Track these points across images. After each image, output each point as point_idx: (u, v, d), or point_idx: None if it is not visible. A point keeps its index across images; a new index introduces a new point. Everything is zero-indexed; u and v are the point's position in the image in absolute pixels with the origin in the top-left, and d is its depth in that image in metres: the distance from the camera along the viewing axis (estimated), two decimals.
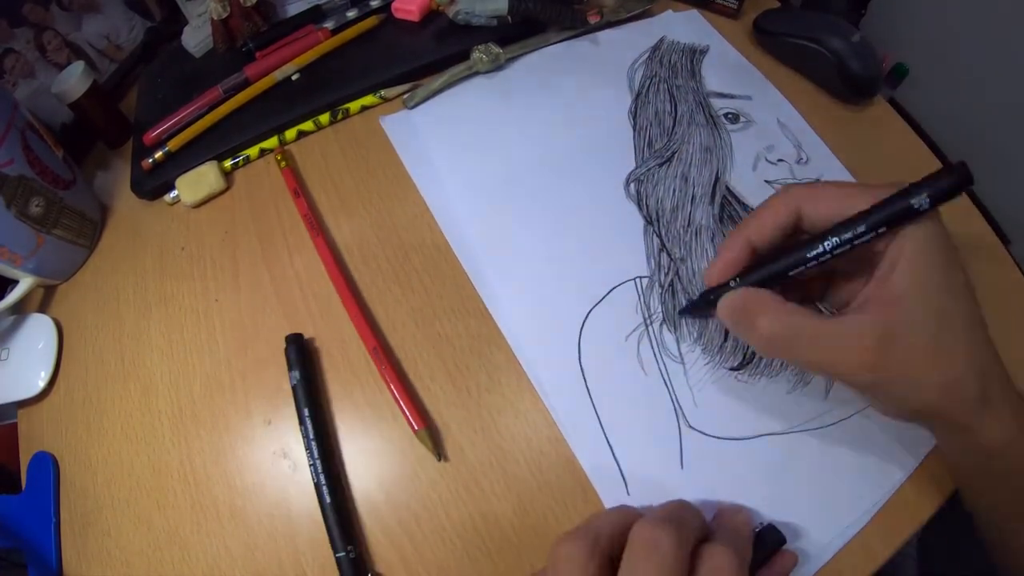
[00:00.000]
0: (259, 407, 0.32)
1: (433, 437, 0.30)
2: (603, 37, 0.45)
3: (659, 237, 0.35)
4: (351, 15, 0.47)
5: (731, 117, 0.41)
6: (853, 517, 0.28)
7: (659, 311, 0.33)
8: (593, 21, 0.44)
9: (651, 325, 0.32)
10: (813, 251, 0.23)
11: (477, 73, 0.43)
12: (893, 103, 0.45)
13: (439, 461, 0.30)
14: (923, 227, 0.22)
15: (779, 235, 0.25)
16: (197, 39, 0.47)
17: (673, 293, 0.33)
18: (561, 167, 0.38)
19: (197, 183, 0.40)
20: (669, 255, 0.35)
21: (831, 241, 0.23)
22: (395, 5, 0.46)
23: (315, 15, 0.47)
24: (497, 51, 0.42)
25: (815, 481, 0.28)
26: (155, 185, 0.41)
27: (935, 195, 0.21)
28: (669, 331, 0.32)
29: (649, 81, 0.43)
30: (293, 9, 0.48)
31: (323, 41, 0.45)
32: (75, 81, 0.41)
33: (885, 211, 0.22)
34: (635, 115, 0.41)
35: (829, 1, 0.88)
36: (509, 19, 0.43)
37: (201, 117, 0.42)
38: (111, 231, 0.41)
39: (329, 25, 0.46)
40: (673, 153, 0.39)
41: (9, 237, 0.34)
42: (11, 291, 0.36)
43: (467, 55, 0.42)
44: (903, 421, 0.25)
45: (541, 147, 0.39)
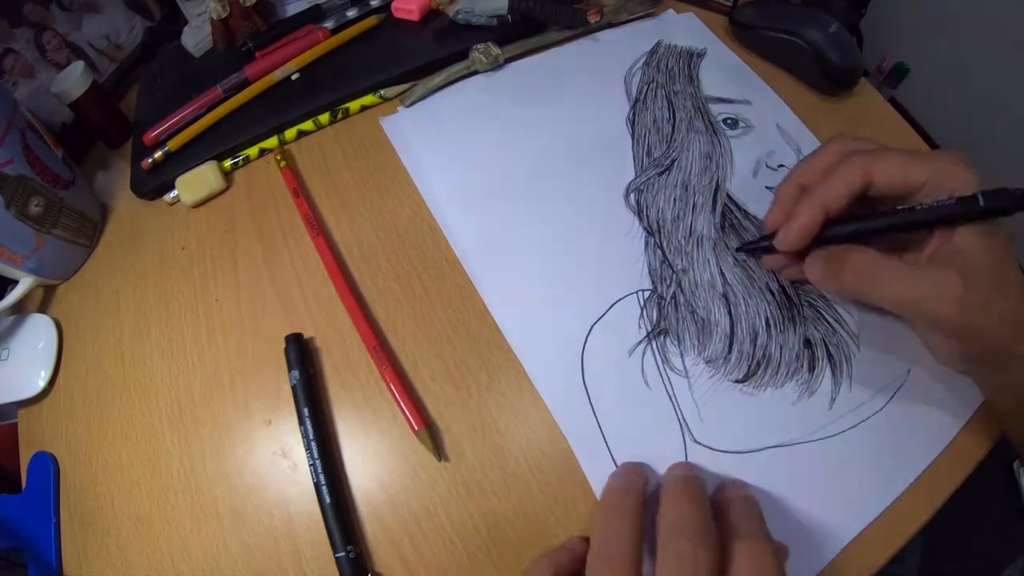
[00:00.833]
0: (259, 407, 0.32)
1: (433, 437, 0.30)
2: (601, 41, 0.45)
3: (660, 249, 0.35)
4: (351, 15, 0.47)
5: (730, 122, 0.40)
6: (856, 524, 0.28)
7: (662, 324, 0.32)
8: (593, 21, 0.44)
9: (654, 339, 0.32)
10: (899, 218, 0.26)
11: (476, 72, 0.43)
12: (893, 102, 0.45)
13: (439, 461, 0.30)
14: None
15: (849, 203, 0.26)
16: (197, 39, 0.47)
17: (676, 305, 0.33)
18: (559, 175, 0.38)
19: (197, 183, 0.40)
20: (671, 267, 0.34)
21: (917, 212, 0.25)
22: (395, 4, 0.46)
23: (315, 15, 0.47)
24: (496, 52, 0.42)
25: (819, 491, 0.28)
26: (155, 185, 0.41)
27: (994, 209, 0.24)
28: (672, 344, 0.32)
29: (647, 87, 0.42)
30: (293, 9, 0.48)
31: (323, 41, 0.45)
32: (75, 81, 0.41)
33: (965, 208, 0.25)
34: (633, 122, 0.40)
35: (829, 1, 0.88)
36: (509, 19, 0.43)
37: (201, 117, 0.42)
38: (111, 231, 0.41)
39: (329, 25, 0.46)
40: (673, 161, 0.38)
41: (9, 237, 0.34)
42: (11, 291, 0.36)
43: (467, 55, 0.42)
44: (963, 367, 0.27)
45: (539, 154, 0.39)
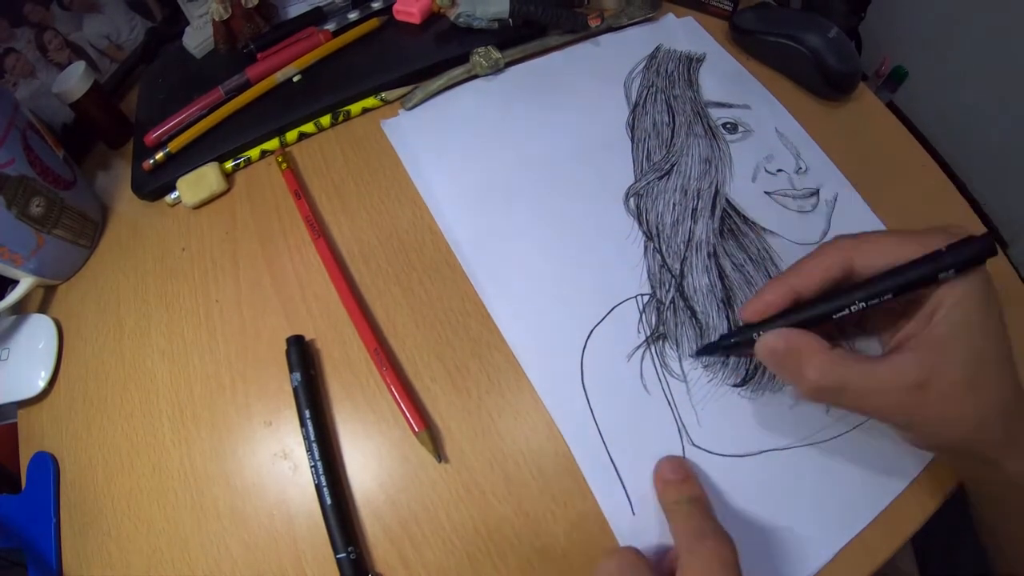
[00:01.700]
0: (259, 408, 0.32)
1: (434, 439, 0.30)
2: (600, 46, 0.45)
3: (659, 253, 0.35)
4: (352, 17, 0.47)
5: (729, 127, 0.40)
6: (854, 526, 0.28)
7: (660, 329, 0.33)
8: (594, 25, 0.44)
9: (653, 343, 0.32)
10: (858, 302, 0.24)
11: (476, 76, 0.43)
12: (891, 106, 0.45)
13: (439, 463, 0.30)
14: (966, 277, 0.23)
15: (826, 287, 0.25)
16: (198, 40, 0.47)
17: (675, 310, 0.33)
18: (559, 179, 0.38)
19: (198, 184, 0.40)
20: (670, 271, 0.34)
21: (879, 290, 0.24)
22: (396, 7, 0.46)
23: (316, 17, 0.47)
24: (497, 55, 0.42)
25: (817, 494, 0.28)
26: (156, 186, 0.41)
27: (959, 264, 0.23)
28: (671, 348, 0.32)
29: (646, 91, 0.42)
30: (294, 11, 0.48)
31: (324, 43, 0.45)
32: (76, 81, 0.41)
33: (922, 269, 0.23)
34: (633, 127, 0.41)
35: (828, 4, 0.89)
36: (510, 22, 0.43)
37: (202, 118, 0.42)
38: (112, 232, 0.41)
39: (330, 27, 0.46)
40: (672, 165, 0.38)
41: (9, 237, 0.34)
42: (11, 291, 0.36)
43: (467, 58, 0.42)
44: (931, 451, 0.28)
45: (539, 158, 0.39)
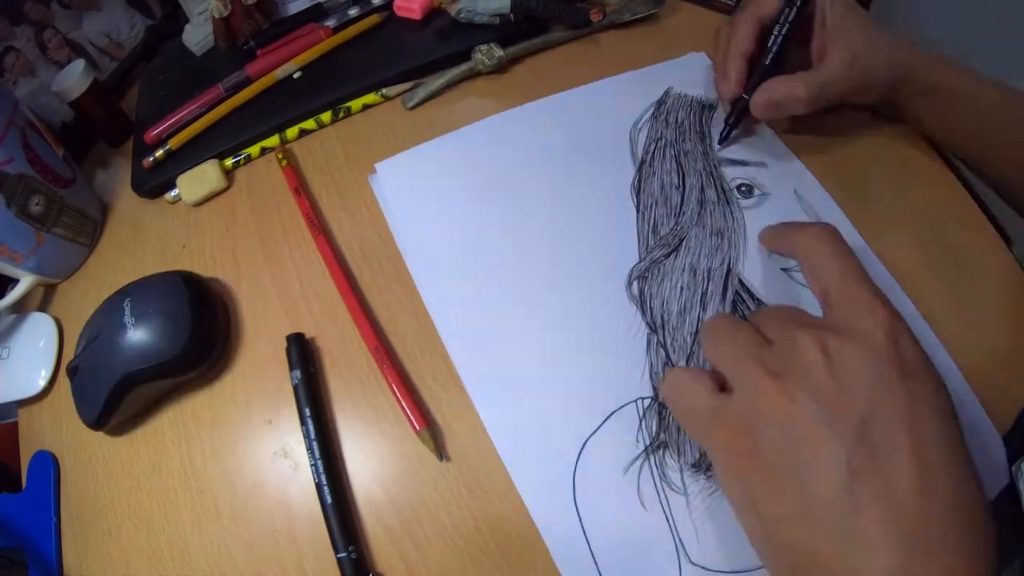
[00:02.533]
0: (259, 406, 0.32)
1: (435, 437, 0.30)
2: (602, 88, 0.41)
3: (664, 348, 0.31)
4: (353, 13, 0.46)
5: (744, 190, 0.36)
6: None
7: (662, 436, 0.30)
8: (596, 20, 0.44)
9: (653, 453, 0.29)
10: (785, 20, 0.34)
11: (478, 74, 0.43)
12: None
13: (441, 461, 0.30)
14: None
15: (755, 40, 0.35)
16: (198, 37, 0.47)
17: None
18: (553, 262, 0.34)
19: (198, 181, 0.40)
20: None
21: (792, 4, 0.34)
22: (397, 3, 0.46)
23: (316, 13, 0.47)
24: (499, 53, 0.42)
25: None
26: (156, 183, 0.41)
27: None
28: (672, 458, 0.29)
29: (654, 146, 0.38)
30: (294, 7, 0.48)
31: (324, 39, 0.45)
32: (76, 79, 0.41)
33: None
34: (638, 190, 0.36)
35: None
36: (511, 17, 0.43)
37: (202, 115, 0.42)
38: (112, 230, 0.41)
39: (331, 23, 0.46)
40: (680, 240, 0.34)
41: (9, 235, 0.34)
42: (11, 290, 0.36)
43: (469, 54, 0.42)
44: (882, 91, 0.35)
45: (532, 232, 0.35)
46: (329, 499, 0.28)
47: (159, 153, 0.41)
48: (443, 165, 0.38)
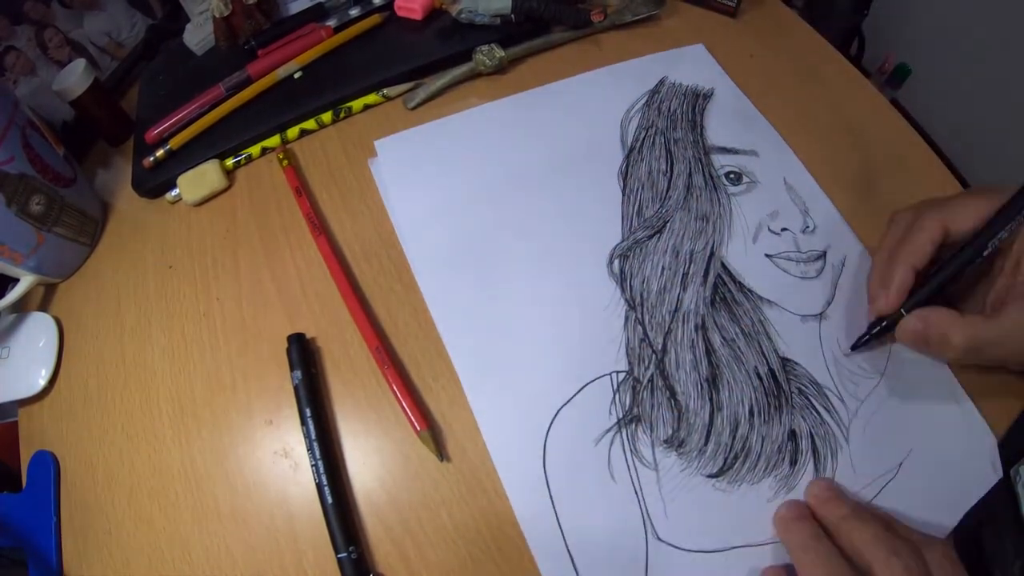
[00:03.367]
0: (260, 406, 0.32)
1: (435, 438, 0.30)
2: (598, 77, 0.42)
3: (641, 325, 0.32)
4: (354, 13, 0.46)
5: (733, 177, 0.36)
6: None
7: (635, 411, 0.30)
8: (596, 21, 0.44)
9: (625, 427, 0.30)
10: (976, 253, 0.27)
11: (479, 75, 0.43)
12: (896, 104, 0.45)
13: (441, 462, 0.30)
14: None
15: (932, 257, 0.28)
16: (199, 37, 0.47)
17: (652, 390, 0.30)
18: (538, 237, 0.35)
19: (198, 181, 0.40)
20: (651, 346, 0.31)
21: (993, 241, 0.27)
22: (398, 3, 0.46)
23: (317, 13, 0.47)
24: (500, 54, 0.42)
25: None
26: (156, 183, 0.41)
27: None
28: (644, 432, 0.29)
29: (644, 133, 0.39)
30: (295, 7, 0.48)
31: (325, 39, 0.45)
32: (76, 79, 0.41)
33: (1011, 212, 0.26)
34: (626, 175, 0.37)
35: (832, 2, 0.88)
36: (512, 18, 0.43)
37: (203, 115, 0.42)
38: (112, 229, 0.41)
39: (331, 23, 0.46)
40: (665, 222, 0.35)
41: (9, 235, 0.34)
42: (12, 289, 0.36)
43: (470, 55, 0.42)
44: None
45: (522, 210, 0.36)
46: (330, 499, 0.28)
47: (160, 153, 0.41)
48: (440, 145, 0.39)
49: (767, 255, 0.34)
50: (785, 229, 0.35)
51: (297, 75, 0.44)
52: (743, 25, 0.46)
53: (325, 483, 0.28)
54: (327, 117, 0.42)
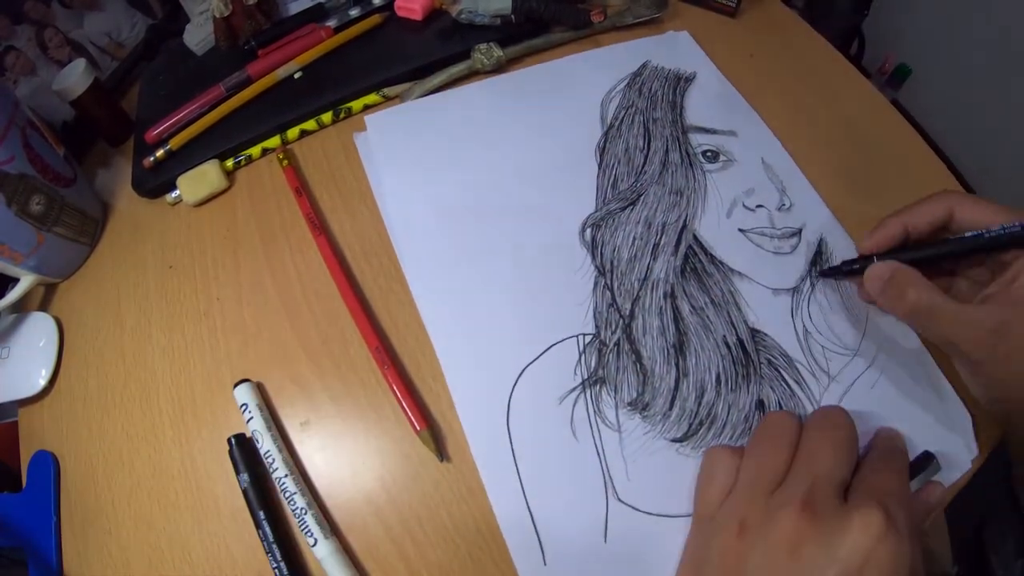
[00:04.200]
0: None
1: (435, 438, 0.30)
2: (588, 58, 0.43)
3: (610, 290, 0.33)
4: (354, 13, 0.46)
5: (710, 155, 0.37)
6: None
7: (600, 373, 0.30)
8: (597, 21, 0.44)
9: (589, 387, 0.30)
10: (964, 243, 0.28)
11: (477, 73, 0.43)
12: (896, 104, 0.45)
13: (441, 462, 0.30)
14: None
15: (929, 228, 0.29)
16: (199, 37, 0.47)
17: (618, 353, 0.31)
18: (512, 202, 0.36)
19: (198, 182, 0.40)
20: (619, 311, 0.32)
21: (982, 237, 0.27)
22: (398, 3, 0.46)
23: (317, 13, 0.47)
24: (498, 53, 0.42)
25: None
26: (156, 183, 0.41)
27: None
28: (608, 394, 0.30)
29: (624, 112, 0.39)
30: (295, 7, 0.48)
31: (325, 39, 0.45)
32: (76, 79, 0.41)
33: (1015, 233, 0.26)
34: (603, 150, 0.38)
35: (832, 3, 0.88)
36: (512, 18, 0.43)
37: (203, 115, 0.42)
38: (112, 229, 0.41)
39: (331, 23, 0.46)
40: (639, 195, 0.36)
41: (9, 235, 0.34)
42: (12, 289, 0.36)
43: (469, 54, 0.42)
44: (992, 406, 0.28)
45: (496, 177, 0.37)
46: None
47: (160, 153, 0.41)
48: (427, 120, 0.40)
49: (740, 230, 0.35)
50: (760, 206, 0.36)
51: (297, 75, 0.44)
52: (743, 25, 0.46)
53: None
54: (327, 117, 0.42)
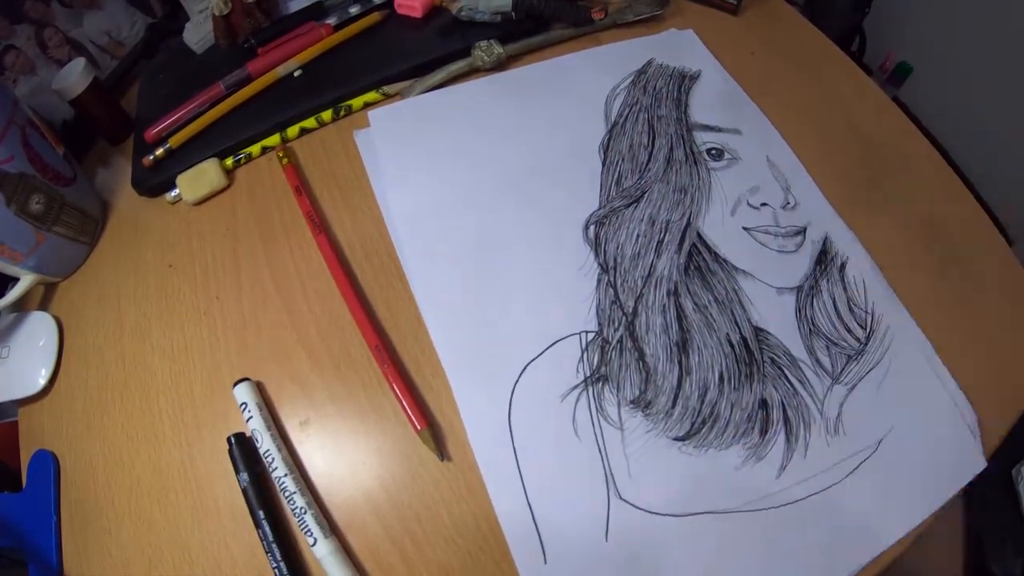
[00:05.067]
0: None
1: (435, 437, 0.30)
2: (593, 55, 0.43)
3: (613, 288, 0.32)
4: (353, 11, 0.46)
5: (715, 153, 0.37)
6: None
7: (602, 370, 0.30)
8: (597, 19, 0.44)
9: (592, 385, 0.30)
10: None
11: (477, 70, 0.43)
12: (897, 101, 0.45)
13: (442, 461, 0.29)
14: None
15: None
16: (199, 35, 0.47)
17: (621, 351, 0.30)
18: (515, 200, 0.36)
19: (198, 180, 0.39)
20: (622, 308, 0.32)
21: None
22: (398, 1, 0.46)
23: (317, 11, 0.47)
24: (499, 50, 0.42)
25: (755, 567, 0.26)
26: (156, 182, 0.41)
27: None
28: (611, 392, 0.30)
29: (628, 110, 0.39)
30: (295, 5, 0.48)
31: (325, 37, 0.45)
32: (76, 78, 0.41)
33: None
34: (607, 148, 0.38)
35: (833, 0, 0.88)
36: (513, 16, 0.43)
37: (203, 114, 0.42)
38: (112, 228, 0.41)
39: (331, 21, 0.46)
40: (643, 192, 0.35)
41: (9, 234, 0.34)
42: (11, 289, 0.36)
43: (470, 52, 0.42)
44: None
45: (499, 174, 0.37)
46: None
47: (159, 151, 0.41)
48: (429, 116, 0.40)
49: (745, 228, 0.35)
50: (765, 204, 0.35)
51: (297, 73, 0.44)
52: (744, 23, 0.46)
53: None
54: (327, 115, 0.41)
